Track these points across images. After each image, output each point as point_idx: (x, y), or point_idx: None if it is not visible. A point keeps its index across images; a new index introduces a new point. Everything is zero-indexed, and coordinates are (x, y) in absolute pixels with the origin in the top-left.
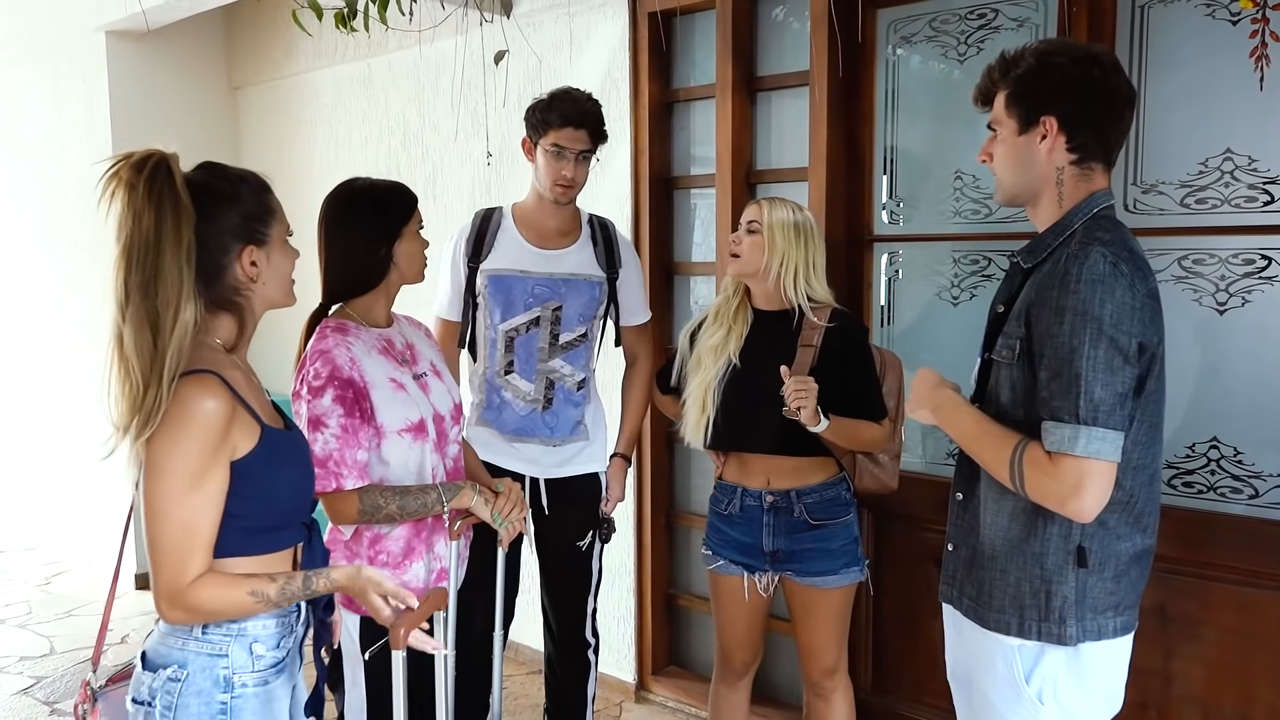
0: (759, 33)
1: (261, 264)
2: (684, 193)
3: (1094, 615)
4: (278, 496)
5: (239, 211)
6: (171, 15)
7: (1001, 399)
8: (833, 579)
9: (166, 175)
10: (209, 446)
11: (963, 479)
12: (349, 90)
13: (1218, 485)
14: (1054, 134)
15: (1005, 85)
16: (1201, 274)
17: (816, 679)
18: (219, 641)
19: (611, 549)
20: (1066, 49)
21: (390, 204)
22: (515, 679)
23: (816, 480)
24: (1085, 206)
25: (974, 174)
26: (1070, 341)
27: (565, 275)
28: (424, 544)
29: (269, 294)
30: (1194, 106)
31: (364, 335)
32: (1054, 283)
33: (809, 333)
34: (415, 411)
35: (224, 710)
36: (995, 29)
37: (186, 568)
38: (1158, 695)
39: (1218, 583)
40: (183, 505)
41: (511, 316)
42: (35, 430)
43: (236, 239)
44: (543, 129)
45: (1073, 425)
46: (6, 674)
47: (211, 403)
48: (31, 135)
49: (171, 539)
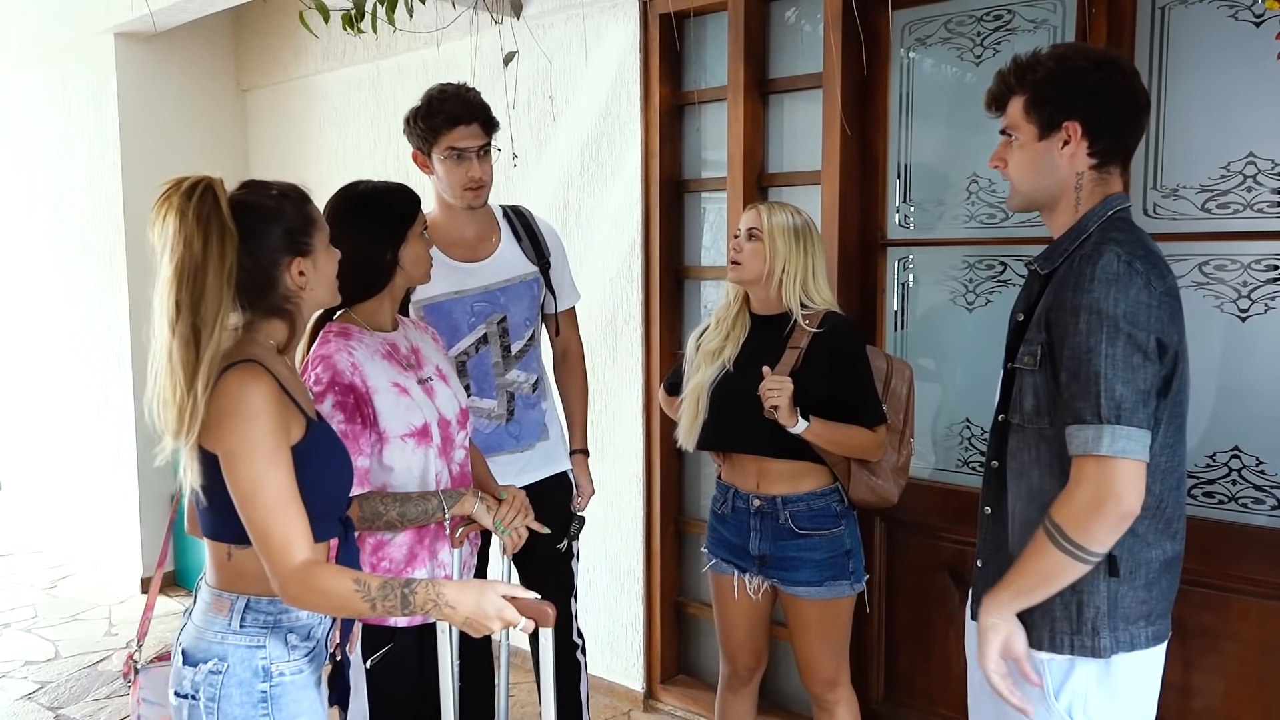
0: (771, 35)
1: (309, 272)
2: (695, 196)
3: (1126, 625)
4: (322, 485)
5: (283, 227)
6: (180, 17)
7: (1025, 406)
8: (816, 590)
9: (214, 201)
10: (273, 426)
11: (991, 493)
12: (357, 93)
13: (1239, 495)
14: (1077, 139)
15: (1024, 89)
16: (1223, 280)
17: (817, 691)
18: (256, 634)
19: (620, 556)
20: (1085, 53)
21: (394, 207)
22: (522, 687)
23: (806, 488)
24: (1100, 210)
25: (989, 178)
26: (1087, 340)
27: (501, 284)
28: (427, 551)
29: (318, 297)
30: (1215, 109)
31: (367, 340)
32: (1069, 283)
33: (799, 335)
34: (419, 416)
35: (265, 699)
36: (1011, 31)
37: (291, 545)
38: (1177, 709)
39: (1238, 595)
40: (267, 486)
41: (458, 341)
42: (43, 433)
43: (284, 252)
44: (431, 136)
45: (1096, 425)
46: (11, 679)
47: (262, 386)
48: (40, 137)
49: (268, 521)
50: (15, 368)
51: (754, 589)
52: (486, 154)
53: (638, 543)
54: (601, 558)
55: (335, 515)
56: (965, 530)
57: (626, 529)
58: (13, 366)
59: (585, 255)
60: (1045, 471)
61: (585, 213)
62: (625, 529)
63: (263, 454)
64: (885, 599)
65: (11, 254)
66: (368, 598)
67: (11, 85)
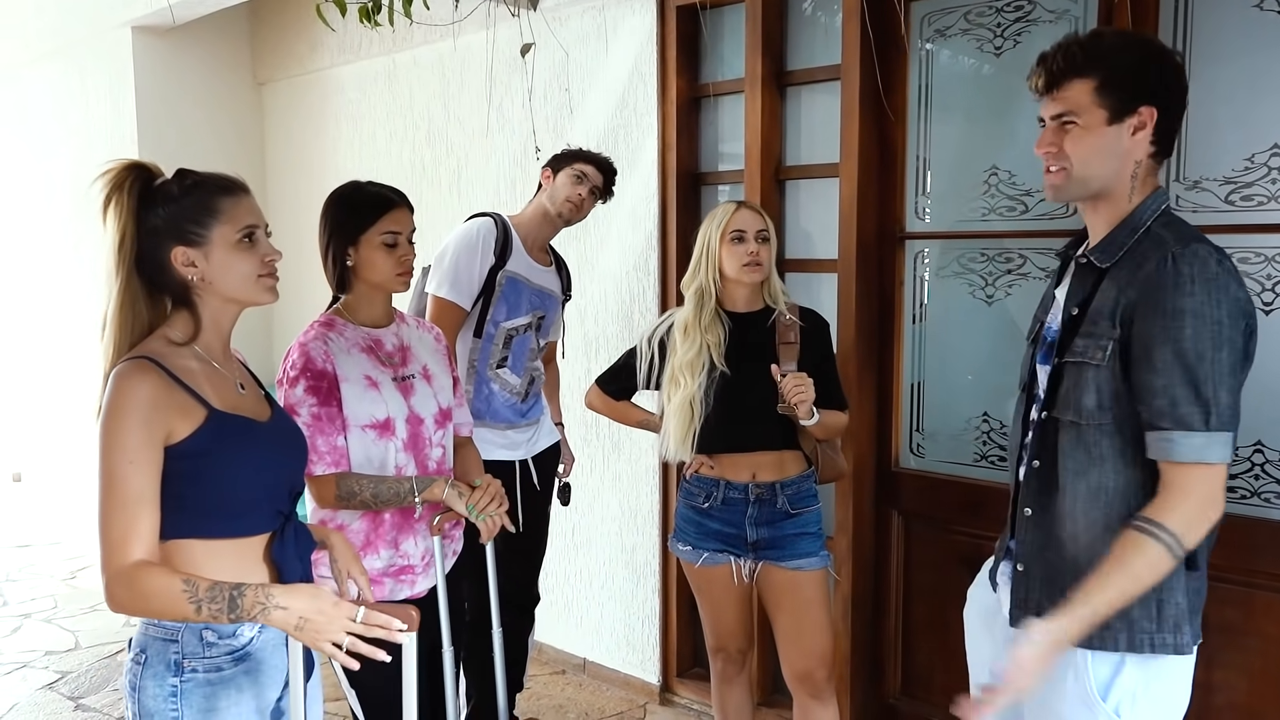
0: (789, 26)
1: (200, 264)
2: (711, 189)
3: (1194, 618)
4: (225, 481)
5: (173, 213)
6: (197, 10)
7: (1085, 404)
8: (814, 560)
9: (121, 184)
10: (138, 425)
11: (1032, 494)
12: (373, 86)
13: (1262, 490)
14: (1151, 125)
15: (1095, 71)
16: (1247, 273)
17: (812, 668)
18: (172, 626)
19: (637, 550)
20: (1148, 38)
21: (354, 208)
22: (539, 679)
23: (793, 473)
24: (1153, 203)
25: (1008, 171)
26: (1195, 347)
27: (549, 290)
28: (382, 540)
29: (225, 291)
30: (1240, 101)
31: (348, 332)
32: (1165, 283)
33: (785, 329)
34: (382, 410)
35: (174, 693)
36: (1032, 22)
37: (127, 544)
38: (1199, 705)
39: (1261, 591)
40: (117, 482)
41: (515, 317)
42: (62, 426)
43: (170, 239)
44: (570, 159)
45: (1204, 433)
46: (31, 669)
47: (138, 385)
48: (58, 131)
49: (110, 516)
50: (35, 360)
51: (747, 573)
52: (594, 195)
53: (654, 536)
54: (618, 551)
55: (262, 509)
56: (981, 524)
57: (643, 522)
58: (32, 359)
59: (602, 248)
60: (1108, 470)
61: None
62: (641, 522)
63: (120, 450)
64: (902, 593)
65: (31, 247)
66: (194, 599)
67: (30, 79)
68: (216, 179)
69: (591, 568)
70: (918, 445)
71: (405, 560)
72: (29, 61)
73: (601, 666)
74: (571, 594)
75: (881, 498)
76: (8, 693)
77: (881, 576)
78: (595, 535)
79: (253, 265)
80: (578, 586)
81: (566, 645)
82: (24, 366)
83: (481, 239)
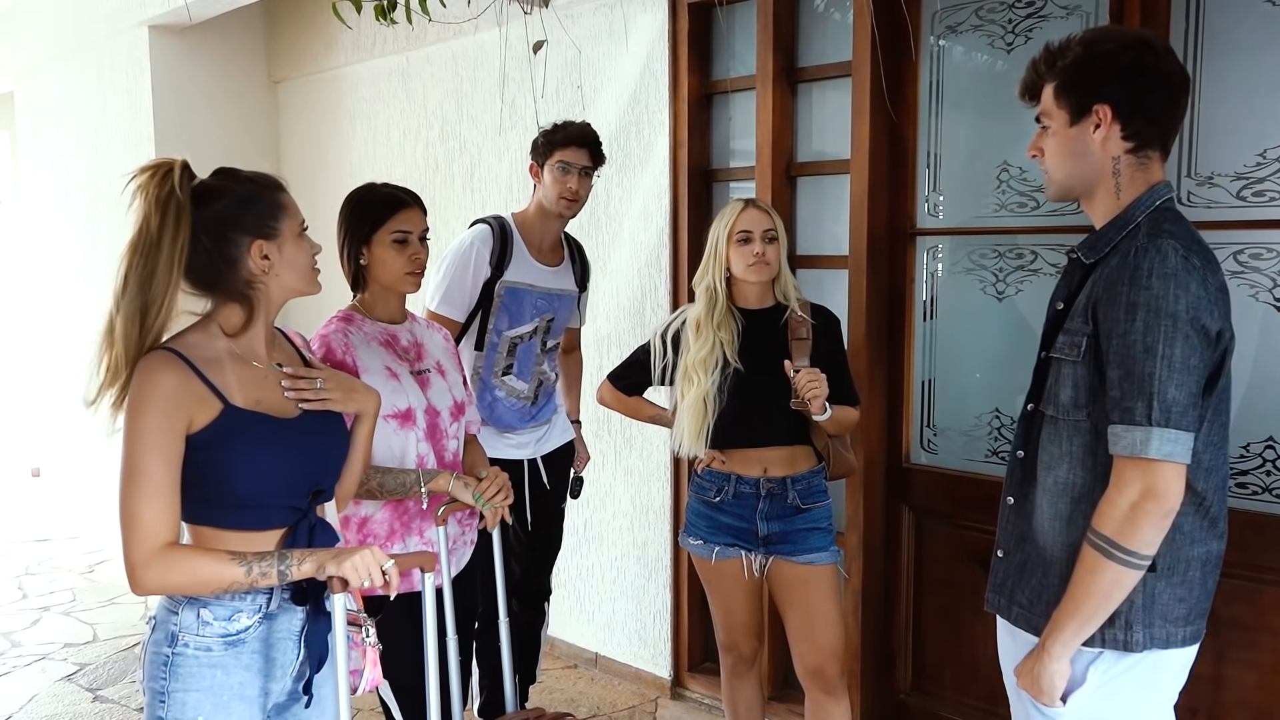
0: (800, 23)
1: (274, 256)
2: (723, 185)
3: (1163, 623)
4: (228, 476)
5: (248, 209)
6: (212, 9)
7: (1061, 398)
8: (825, 555)
9: (174, 182)
10: (160, 413)
11: (1015, 482)
12: (388, 84)
13: (1273, 486)
14: (1108, 122)
15: (1053, 76)
16: (1259, 269)
17: (823, 663)
18: (175, 601)
19: (649, 545)
20: (1115, 35)
21: (366, 209)
22: (551, 673)
23: (804, 468)
24: (1147, 199)
25: (1020, 167)
26: (1144, 340)
27: (558, 291)
28: (406, 529)
29: (286, 283)
30: (1251, 96)
31: (367, 327)
32: (1124, 277)
33: (797, 326)
34: (404, 400)
35: (166, 663)
36: (1044, 17)
37: (159, 532)
38: (1208, 700)
39: (1272, 587)
40: (144, 472)
41: (518, 325)
42: (81, 422)
43: (248, 234)
44: (548, 150)
45: (1145, 428)
46: (51, 660)
47: (161, 375)
48: (76, 130)
49: (138, 504)
50: (52, 357)
51: (758, 568)
52: (587, 175)
53: (665, 531)
54: (630, 546)
55: (270, 506)
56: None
57: (654, 518)
58: (50, 355)
59: (613, 245)
60: (1076, 465)
61: (614, 202)
62: (654, 517)
63: (143, 439)
64: (913, 589)
65: (48, 246)
66: (244, 562)
67: (47, 78)
68: (268, 176)
69: (603, 563)
70: (929, 441)
71: (431, 548)
72: (47, 61)
73: (613, 661)
74: (583, 589)
75: (892, 493)
76: (28, 684)
77: (892, 572)
78: (607, 530)
79: (309, 258)
80: (589, 581)
81: (578, 640)
82: (42, 363)
83: (475, 252)
